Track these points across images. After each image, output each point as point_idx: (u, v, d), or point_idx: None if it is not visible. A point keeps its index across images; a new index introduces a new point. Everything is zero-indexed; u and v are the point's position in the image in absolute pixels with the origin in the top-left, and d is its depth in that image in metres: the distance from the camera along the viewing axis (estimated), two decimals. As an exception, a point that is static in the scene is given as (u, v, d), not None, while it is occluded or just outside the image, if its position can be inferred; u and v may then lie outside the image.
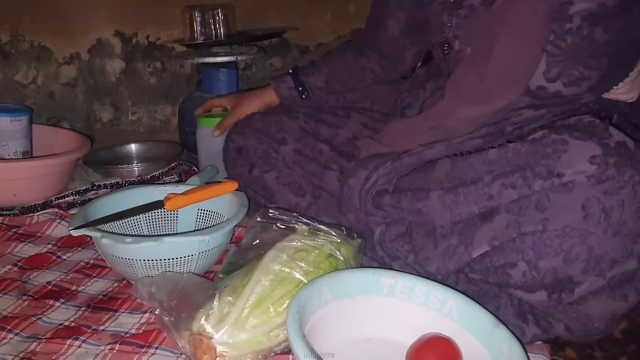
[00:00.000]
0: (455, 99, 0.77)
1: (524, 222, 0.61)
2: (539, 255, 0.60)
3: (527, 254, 0.61)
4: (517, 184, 0.62)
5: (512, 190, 0.63)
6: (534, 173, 0.61)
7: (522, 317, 0.71)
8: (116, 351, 0.68)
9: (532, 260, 0.61)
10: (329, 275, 0.67)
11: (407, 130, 0.82)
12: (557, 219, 0.58)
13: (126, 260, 0.78)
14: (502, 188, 0.63)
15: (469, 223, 0.68)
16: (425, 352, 0.62)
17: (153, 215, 0.95)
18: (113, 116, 1.59)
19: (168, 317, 0.66)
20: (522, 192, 0.62)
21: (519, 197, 0.62)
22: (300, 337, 0.55)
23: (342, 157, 0.93)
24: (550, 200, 0.59)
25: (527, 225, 0.60)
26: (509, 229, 0.62)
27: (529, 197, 0.61)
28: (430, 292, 0.68)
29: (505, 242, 0.62)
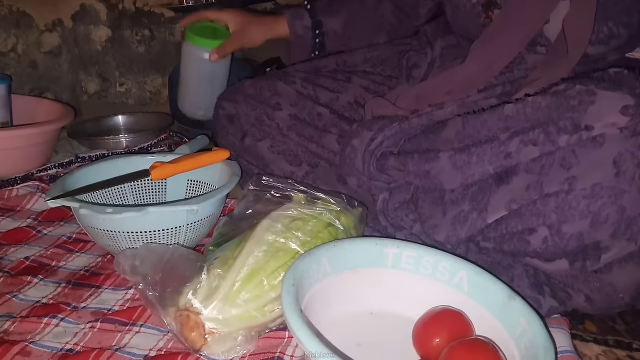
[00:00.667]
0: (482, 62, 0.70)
1: (547, 182, 0.55)
2: (563, 219, 0.54)
3: (549, 217, 0.55)
4: (539, 140, 0.56)
5: (532, 147, 0.57)
6: (557, 128, 0.55)
7: (537, 289, 0.65)
8: (97, 329, 0.62)
9: (554, 224, 0.55)
10: (328, 245, 0.61)
11: (421, 94, 0.76)
12: (586, 177, 0.52)
13: (108, 233, 0.72)
14: (522, 145, 0.57)
15: (483, 186, 0.62)
16: (434, 326, 0.57)
17: (139, 186, 0.89)
18: (100, 87, 1.51)
19: (152, 292, 0.60)
20: (544, 148, 0.56)
21: (540, 154, 0.56)
22: (297, 312, 0.49)
23: (343, 121, 0.86)
24: (578, 156, 0.53)
25: (551, 186, 0.54)
26: (530, 191, 0.56)
27: (553, 155, 0.55)
28: (439, 263, 0.62)
29: (525, 205, 0.57)
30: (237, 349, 0.57)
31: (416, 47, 0.91)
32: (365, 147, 0.73)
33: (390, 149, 0.73)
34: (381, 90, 0.93)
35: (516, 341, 0.53)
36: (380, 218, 0.76)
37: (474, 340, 0.52)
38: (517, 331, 0.54)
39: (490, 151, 0.60)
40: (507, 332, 0.55)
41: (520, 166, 0.58)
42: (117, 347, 0.59)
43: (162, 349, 0.59)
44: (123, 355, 0.58)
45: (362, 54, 0.98)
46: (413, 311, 0.61)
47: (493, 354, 0.50)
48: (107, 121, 1.31)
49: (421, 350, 0.57)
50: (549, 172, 0.56)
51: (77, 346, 0.60)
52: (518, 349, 0.53)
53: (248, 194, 0.74)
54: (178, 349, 0.59)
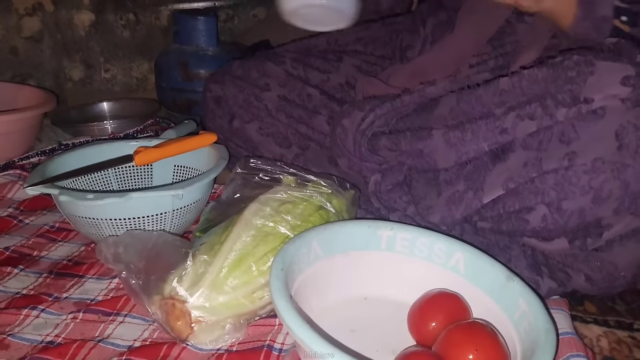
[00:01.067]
0: (469, 28, 0.67)
1: (545, 158, 0.52)
2: (563, 196, 0.52)
3: (548, 195, 0.53)
4: (536, 114, 0.54)
5: (529, 121, 0.54)
6: (555, 101, 0.53)
7: (536, 270, 0.63)
8: (79, 320, 0.59)
9: (553, 202, 0.53)
10: (318, 228, 0.59)
11: (414, 70, 0.73)
12: (586, 152, 0.50)
13: (90, 221, 0.69)
14: (518, 120, 0.55)
15: (478, 164, 0.60)
16: (430, 310, 0.55)
17: (124, 173, 0.86)
18: (85, 74, 1.47)
19: (136, 280, 0.57)
20: (542, 123, 0.53)
21: (538, 129, 0.54)
22: (286, 298, 0.47)
23: (334, 102, 0.83)
24: (577, 130, 0.51)
25: (550, 162, 0.52)
26: (528, 168, 0.54)
27: (551, 129, 0.53)
28: (434, 245, 0.60)
29: (523, 183, 0.54)
30: (226, 338, 0.55)
31: (410, 27, 0.88)
32: (356, 127, 0.71)
33: (382, 128, 0.70)
34: (374, 70, 0.90)
35: (515, 324, 0.51)
36: (373, 200, 0.74)
37: (472, 324, 0.50)
38: (516, 314, 0.52)
39: (485, 127, 0.58)
40: (506, 315, 0.53)
41: (517, 142, 0.55)
42: (100, 338, 0.57)
43: (147, 339, 0.57)
44: (106, 346, 0.55)
45: (354, 34, 0.94)
46: (408, 295, 0.59)
47: (491, 338, 0.48)
48: (92, 108, 1.27)
49: (417, 335, 0.55)
50: (547, 148, 0.53)
51: (59, 338, 0.57)
52: (517, 332, 0.51)
53: (236, 178, 0.71)
54: (164, 339, 0.57)
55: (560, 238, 0.56)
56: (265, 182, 0.69)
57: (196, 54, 1.26)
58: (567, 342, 0.54)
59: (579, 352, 0.53)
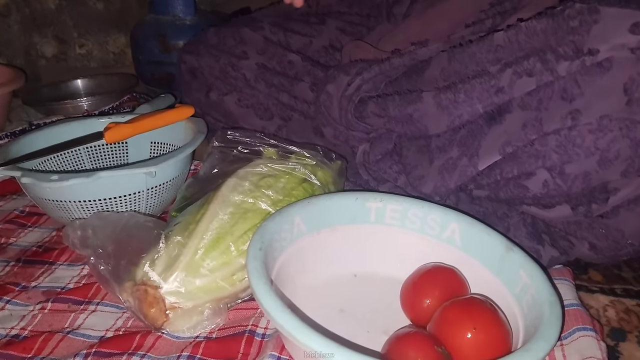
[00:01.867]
0: None
1: (546, 118, 0.48)
2: (566, 159, 0.47)
3: (550, 158, 0.48)
4: (535, 69, 0.49)
5: (527, 78, 0.49)
6: (556, 54, 0.47)
7: (536, 238, 0.59)
8: (48, 310, 0.55)
9: (555, 165, 0.48)
10: (302, 202, 0.54)
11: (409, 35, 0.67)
12: (591, 109, 0.45)
13: (58, 204, 0.64)
14: (515, 77, 0.50)
15: (473, 129, 0.55)
16: (424, 286, 0.50)
17: (97, 152, 0.81)
18: (58, 50, 1.40)
19: (105, 266, 0.53)
20: (541, 79, 0.48)
21: (537, 86, 0.49)
22: (264, 280, 0.42)
23: (318, 68, 0.78)
24: (581, 85, 0.46)
25: (551, 122, 0.47)
26: (527, 129, 0.49)
27: (552, 86, 0.48)
28: (427, 215, 0.55)
29: (522, 146, 0.50)
30: (205, 324, 0.51)
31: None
32: (342, 93, 0.66)
33: (370, 94, 0.65)
34: (359, 31, 0.84)
35: (517, 298, 0.47)
36: (361, 171, 0.69)
37: (469, 300, 0.46)
38: (517, 287, 0.48)
39: (480, 87, 0.53)
40: (506, 288, 0.49)
41: (514, 102, 0.50)
42: (69, 329, 0.52)
43: (120, 329, 0.53)
44: (76, 338, 0.51)
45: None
46: (401, 271, 0.55)
47: (491, 314, 0.44)
48: (66, 86, 1.21)
49: (411, 314, 0.51)
50: (548, 107, 0.48)
51: (24, 331, 0.53)
52: (519, 306, 0.47)
53: (213, 152, 0.66)
54: (138, 328, 0.52)
55: (562, 205, 0.52)
56: (245, 155, 0.64)
57: (173, 24, 1.19)
58: (572, 314, 0.50)
59: (585, 324, 0.49)
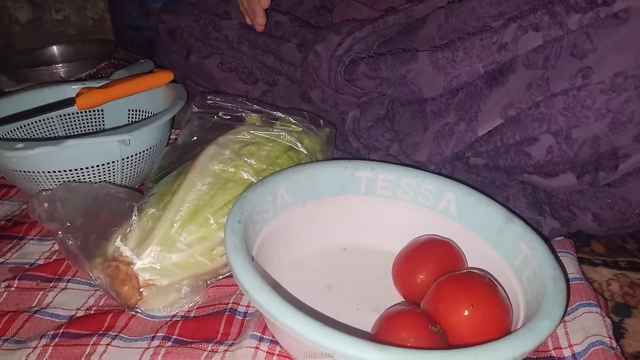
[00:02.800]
0: None
1: (553, 78, 0.43)
2: (574, 122, 0.43)
3: (556, 122, 0.44)
4: (542, 23, 0.44)
5: (534, 33, 0.45)
6: (566, 5, 0.43)
7: (537, 209, 0.55)
8: (14, 289, 0.51)
9: (562, 129, 0.44)
10: (286, 171, 0.50)
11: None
12: (604, 67, 0.41)
13: (26, 175, 0.59)
14: (520, 32, 0.45)
15: (472, 91, 0.51)
16: (418, 260, 0.47)
17: (71, 120, 0.76)
18: (33, 15, 1.33)
19: (73, 240, 0.49)
20: (549, 34, 0.44)
21: (544, 42, 0.44)
22: (242, 255, 0.38)
23: (307, 29, 0.73)
24: (593, 40, 0.42)
25: (559, 81, 0.43)
26: (532, 90, 0.45)
27: (560, 41, 0.44)
28: (421, 185, 0.52)
29: (526, 109, 0.46)
30: (183, 302, 0.47)
31: None
32: (332, 53, 0.61)
33: (361, 54, 0.60)
34: None
35: (517, 272, 0.44)
36: (351, 139, 0.65)
37: (466, 275, 0.43)
38: (517, 260, 0.45)
39: (480, 43, 0.48)
40: (505, 262, 0.46)
41: (518, 60, 0.46)
42: (37, 309, 0.49)
43: (91, 308, 0.49)
44: (43, 317, 0.47)
45: None
46: (393, 244, 0.51)
47: (490, 290, 0.41)
48: (42, 52, 1.14)
49: (403, 290, 0.47)
50: (555, 64, 0.44)
51: (-12, 311, 0.49)
52: (519, 281, 0.44)
53: (192, 118, 0.62)
54: (111, 307, 0.49)
55: (566, 173, 0.49)
56: (226, 121, 0.60)
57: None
58: (575, 289, 0.47)
59: (589, 300, 0.46)
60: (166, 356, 0.42)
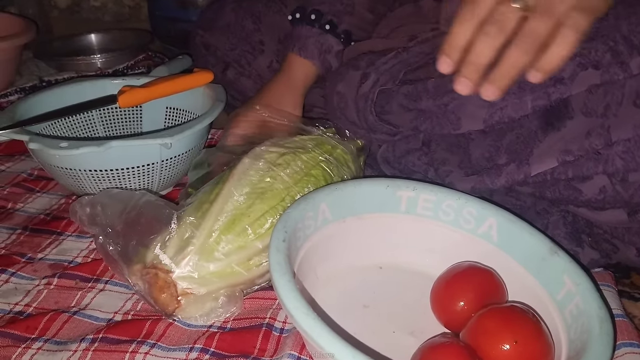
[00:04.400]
0: None
1: (615, 126, 0.42)
2: (633, 167, 0.42)
3: (613, 164, 0.43)
4: (603, 61, 0.43)
5: (593, 71, 0.43)
6: (629, 45, 0.41)
7: (575, 240, 0.54)
8: (54, 286, 0.52)
9: (618, 172, 0.43)
10: (328, 188, 0.50)
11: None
12: None
13: (67, 171, 0.60)
14: (579, 69, 0.44)
15: (523, 134, 0.48)
16: (459, 287, 0.46)
17: (110, 116, 0.76)
18: (72, 1, 1.34)
19: (114, 246, 0.49)
20: (609, 75, 0.42)
21: (602, 82, 0.43)
22: (287, 277, 0.38)
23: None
24: None
25: (622, 131, 0.42)
26: (592, 138, 0.43)
27: (622, 87, 0.42)
28: (463, 208, 0.51)
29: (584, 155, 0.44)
30: (219, 312, 0.48)
31: None
32: (356, 91, 0.59)
33: (388, 86, 0.58)
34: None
35: (559, 306, 0.43)
36: (383, 167, 0.63)
37: (510, 308, 0.42)
38: (560, 293, 0.44)
39: None
40: (547, 293, 0.45)
41: (576, 106, 0.44)
42: (76, 309, 0.49)
43: (129, 312, 0.50)
44: (83, 319, 0.48)
45: None
46: (430, 265, 0.51)
47: (534, 327, 0.40)
48: (79, 40, 1.15)
49: (441, 315, 0.47)
50: (617, 113, 0.42)
51: (29, 308, 0.50)
52: (562, 316, 0.43)
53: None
54: (148, 312, 0.49)
55: (617, 209, 0.47)
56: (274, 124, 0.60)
57: (191, -22, 1.12)
58: (617, 327, 0.46)
59: (632, 339, 0.45)
60: (204, 369, 0.42)
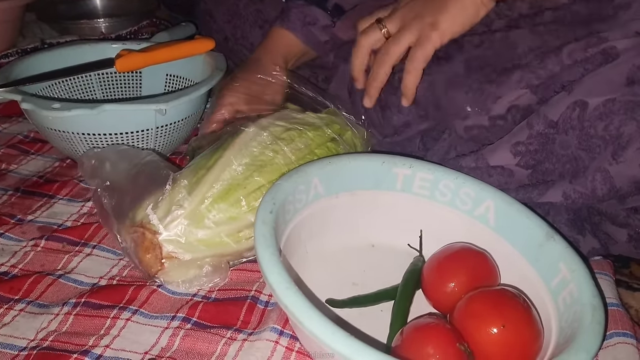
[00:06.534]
0: None
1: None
2: None
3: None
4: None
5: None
6: None
7: (577, 227, 0.53)
8: (41, 248, 0.52)
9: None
10: (321, 161, 0.49)
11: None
12: None
13: (60, 134, 0.59)
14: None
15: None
16: (450, 268, 0.45)
17: (108, 80, 0.75)
18: (79, -36, 1.31)
19: (109, 200, 0.48)
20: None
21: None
22: (271, 249, 0.37)
23: None
24: None
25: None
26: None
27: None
28: (460, 189, 0.50)
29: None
30: (203, 280, 0.47)
31: None
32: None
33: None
34: None
35: (552, 293, 0.42)
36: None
37: (500, 291, 0.41)
38: (554, 280, 0.43)
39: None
40: (541, 280, 0.44)
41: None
42: (61, 272, 0.49)
43: (115, 277, 0.49)
44: (67, 283, 0.48)
45: None
46: (424, 246, 0.50)
47: (523, 310, 0.39)
48: (84, 3, 1.13)
49: (431, 296, 0.46)
50: None
51: (15, 269, 0.49)
52: (554, 303, 0.42)
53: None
54: (134, 278, 0.49)
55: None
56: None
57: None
58: (611, 316, 0.45)
59: (625, 329, 0.44)
60: (185, 339, 0.41)
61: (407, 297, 0.45)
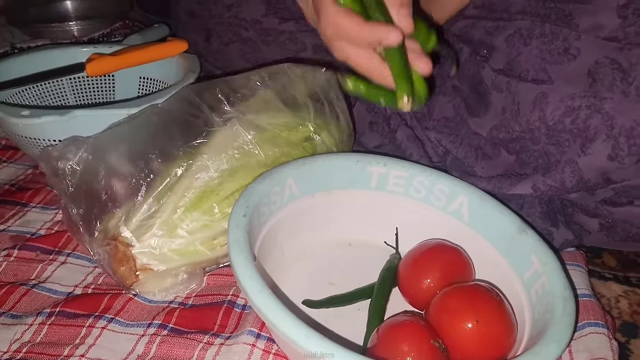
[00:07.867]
0: None
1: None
2: None
3: None
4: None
5: None
6: None
7: (550, 219, 0.53)
8: (13, 258, 0.51)
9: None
10: (295, 162, 0.49)
11: None
12: None
13: (31, 141, 0.58)
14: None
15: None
16: (426, 264, 0.46)
17: (80, 85, 0.74)
18: (49, -34, 1.29)
19: (76, 209, 0.48)
20: None
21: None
22: (244, 253, 0.37)
23: None
24: None
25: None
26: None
27: None
28: (434, 185, 0.50)
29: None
30: (179, 288, 0.47)
31: None
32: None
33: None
34: None
35: (525, 285, 0.43)
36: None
37: (474, 287, 0.42)
38: (527, 272, 0.43)
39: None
40: (514, 273, 0.44)
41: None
42: (35, 282, 0.48)
43: (90, 285, 0.48)
44: (41, 292, 0.47)
45: None
46: (400, 243, 0.50)
47: (497, 306, 0.40)
48: (55, 6, 1.11)
49: (407, 293, 0.46)
50: None
51: (-14, 281, 0.49)
52: (527, 295, 0.42)
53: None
54: (109, 286, 0.48)
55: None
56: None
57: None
58: (583, 306, 0.46)
59: (597, 319, 0.45)
60: (161, 345, 0.41)
61: (384, 295, 0.45)
